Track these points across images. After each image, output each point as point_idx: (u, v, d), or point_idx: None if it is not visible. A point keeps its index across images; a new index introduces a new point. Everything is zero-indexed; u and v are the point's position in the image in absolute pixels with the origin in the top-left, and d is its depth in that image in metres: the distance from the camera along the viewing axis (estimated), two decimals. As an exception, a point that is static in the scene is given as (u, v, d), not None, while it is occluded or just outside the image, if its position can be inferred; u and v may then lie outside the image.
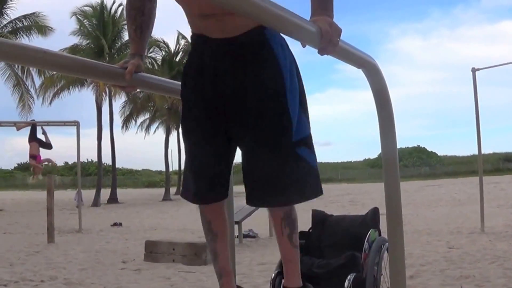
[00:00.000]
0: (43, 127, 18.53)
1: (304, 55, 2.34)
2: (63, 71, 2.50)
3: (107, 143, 43.60)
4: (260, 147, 2.71)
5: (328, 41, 2.20)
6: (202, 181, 2.84)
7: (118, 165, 54.84)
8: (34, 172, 19.11)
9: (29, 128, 18.60)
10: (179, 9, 2.79)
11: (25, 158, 19.04)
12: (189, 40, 2.85)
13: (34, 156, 18.53)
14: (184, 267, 8.62)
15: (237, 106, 2.71)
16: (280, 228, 2.89)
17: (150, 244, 9.49)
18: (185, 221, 20.17)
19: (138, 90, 3.11)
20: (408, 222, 14.72)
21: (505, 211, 17.67)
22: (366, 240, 4.40)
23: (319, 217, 5.00)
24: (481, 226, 12.07)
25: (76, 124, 16.79)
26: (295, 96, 2.74)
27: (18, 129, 19.09)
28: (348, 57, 2.47)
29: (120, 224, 18.25)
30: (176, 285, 7.26)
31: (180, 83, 3.01)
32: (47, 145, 18.81)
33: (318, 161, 2.85)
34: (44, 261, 9.28)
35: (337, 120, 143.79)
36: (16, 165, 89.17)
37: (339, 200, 30.66)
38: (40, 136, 18.35)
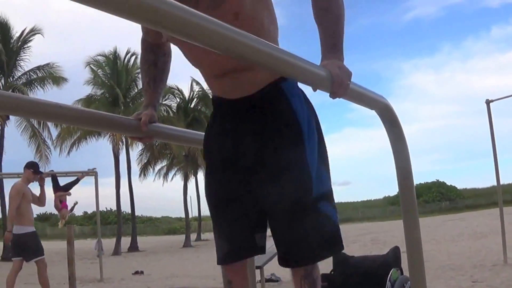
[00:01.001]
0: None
1: (317, 96, 2.31)
2: (79, 125, 2.55)
3: (125, 191, 43.73)
4: (281, 208, 2.66)
5: (339, 85, 2.23)
6: (229, 243, 2.80)
7: (138, 213, 55.02)
8: (62, 215, 19.08)
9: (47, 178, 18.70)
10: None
11: (44, 209, 19.11)
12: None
13: (60, 201, 18.61)
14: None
15: (258, 167, 2.66)
16: (299, 286, 2.78)
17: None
18: (206, 267, 20.07)
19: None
20: (431, 258, 14.60)
21: (528, 242, 17.49)
22: (388, 279, 4.39)
23: (340, 259, 4.99)
24: (504, 258, 11.99)
25: (94, 174, 16.88)
26: (313, 150, 2.68)
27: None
28: (360, 99, 2.51)
29: (142, 272, 18.20)
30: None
31: (195, 132, 3.10)
32: (75, 182, 18.94)
33: (337, 200, 2.83)
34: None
35: (355, 159, 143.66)
36: (36, 216, 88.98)
37: (360, 240, 30.51)
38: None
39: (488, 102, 12.25)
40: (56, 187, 18.56)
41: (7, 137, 35.73)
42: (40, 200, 10.17)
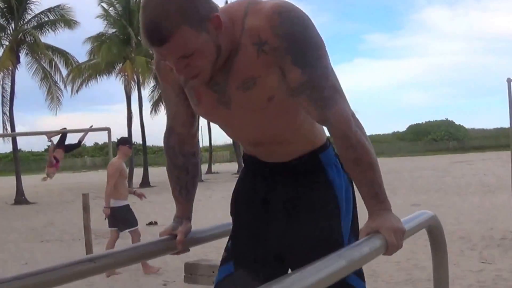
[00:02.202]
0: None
1: (329, 25, 2.07)
2: (117, 267, 2.60)
3: (136, 124, 43.92)
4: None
5: (394, 250, 2.22)
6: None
7: (149, 143, 54.81)
8: (48, 173, 19.47)
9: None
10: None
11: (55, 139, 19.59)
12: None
13: (56, 159, 18.96)
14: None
15: (288, 230, 2.61)
16: None
17: (190, 266, 9.66)
18: (218, 212, 19.84)
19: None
20: (441, 217, 14.70)
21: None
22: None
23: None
24: (513, 232, 11.97)
25: (107, 130, 16.99)
26: (348, 222, 2.65)
27: (49, 138, 19.39)
28: (410, 234, 2.44)
29: (156, 223, 18.22)
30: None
31: (226, 224, 2.98)
32: (76, 145, 19.25)
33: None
34: (86, 286, 9.38)
35: (365, 90, 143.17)
36: (47, 147, 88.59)
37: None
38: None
39: (509, 81, 12.07)
40: (61, 144, 18.85)
41: (17, 79, 35.61)
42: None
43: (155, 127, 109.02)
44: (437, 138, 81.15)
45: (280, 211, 2.64)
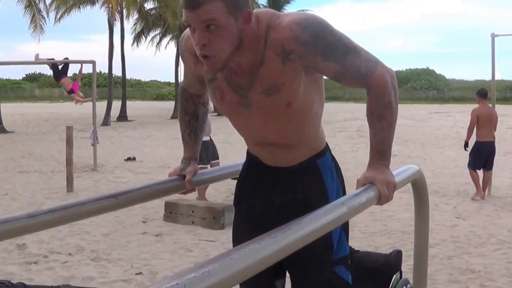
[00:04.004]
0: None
1: None
2: (136, 203, 2.76)
3: (117, 57, 43.63)
4: (301, 269, 2.86)
5: (385, 201, 2.49)
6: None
7: (127, 75, 54.29)
8: (77, 101, 19.66)
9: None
10: None
11: (34, 69, 19.89)
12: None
13: (71, 91, 19.11)
14: (203, 232, 8.97)
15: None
16: None
17: (170, 205, 9.81)
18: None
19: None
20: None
21: (512, 163, 17.49)
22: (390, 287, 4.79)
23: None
24: (488, 190, 12.25)
25: (93, 62, 17.02)
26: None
27: (36, 59, 19.40)
28: (398, 187, 2.64)
29: (134, 159, 18.38)
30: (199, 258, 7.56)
31: (234, 164, 3.25)
32: (67, 66, 19.28)
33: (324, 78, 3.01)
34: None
35: (346, 32, 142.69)
36: (25, 76, 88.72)
37: (346, 128, 30.86)
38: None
39: (493, 36, 12.12)
40: (59, 74, 18.84)
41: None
42: None
43: (135, 60, 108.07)
44: (416, 86, 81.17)
45: (278, 212, 2.85)
